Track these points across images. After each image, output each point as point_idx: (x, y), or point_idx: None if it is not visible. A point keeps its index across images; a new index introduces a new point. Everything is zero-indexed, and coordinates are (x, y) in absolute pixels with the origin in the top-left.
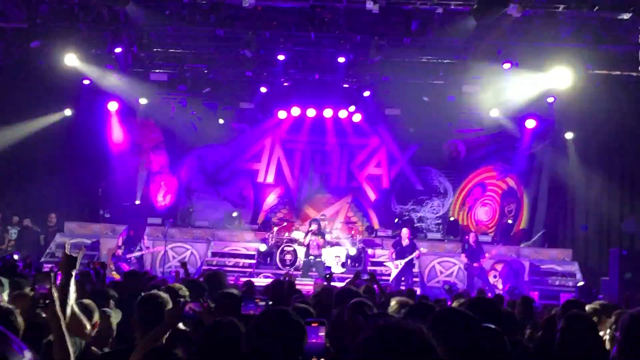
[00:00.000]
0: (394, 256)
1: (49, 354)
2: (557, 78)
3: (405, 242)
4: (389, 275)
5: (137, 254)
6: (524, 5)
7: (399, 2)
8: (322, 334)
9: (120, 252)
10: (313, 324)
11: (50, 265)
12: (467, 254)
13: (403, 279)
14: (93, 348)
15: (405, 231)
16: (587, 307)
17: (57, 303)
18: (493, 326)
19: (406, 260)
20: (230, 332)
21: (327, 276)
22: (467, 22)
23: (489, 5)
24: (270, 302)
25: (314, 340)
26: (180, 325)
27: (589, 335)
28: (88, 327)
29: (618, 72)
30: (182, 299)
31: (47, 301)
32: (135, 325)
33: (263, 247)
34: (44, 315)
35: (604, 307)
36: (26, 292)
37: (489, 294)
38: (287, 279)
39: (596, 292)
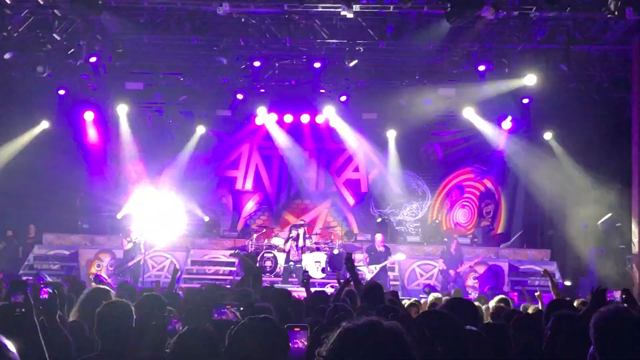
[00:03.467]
0: (368, 261)
1: None
2: (531, 79)
3: (380, 248)
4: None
5: (135, 260)
6: (497, 8)
7: (373, 7)
8: (304, 338)
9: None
10: (295, 329)
11: (26, 278)
12: (445, 260)
13: None
14: None
15: (379, 237)
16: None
17: (34, 311)
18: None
19: (381, 265)
20: (203, 340)
21: (305, 280)
22: (441, 25)
23: (462, 8)
24: (242, 308)
25: (296, 345)
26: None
27: (578, 334)
28: None
29: (592, 72)
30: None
31: (22, 310)
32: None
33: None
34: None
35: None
36: None
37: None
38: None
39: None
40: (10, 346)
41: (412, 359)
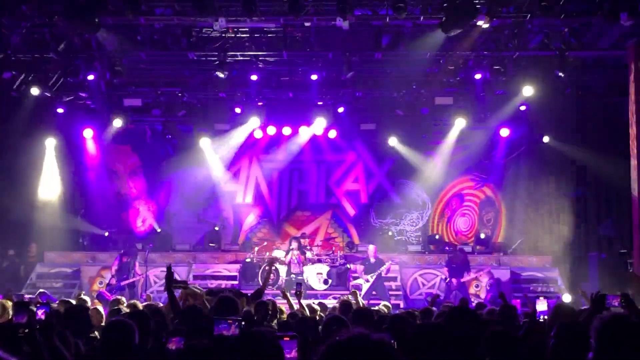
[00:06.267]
0: (363, 273)
1: None
2: (528, 86)
3: (372, 259)
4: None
5: (129, 280)
6: (491, 16)
7: (368, 17)
8: (294, 348)
9: (114, 280)
10: (285, 338)
11: (29, 297)
12: (449, 269)
13: (374, 292)
14: None
15: (371, 248)
16: None
17: (37, 333)
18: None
19: (376, 273)
20: (202, 357)
21: (298, 292)
22: (437, 35)
23: (457, 17)
24: (243, 323)
25: (287, 355)
26: None
27: (581, 342)
28: None
29: (588, 78)
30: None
31: (26, 330)
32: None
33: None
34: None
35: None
36: None
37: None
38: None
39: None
40: None
41: None
